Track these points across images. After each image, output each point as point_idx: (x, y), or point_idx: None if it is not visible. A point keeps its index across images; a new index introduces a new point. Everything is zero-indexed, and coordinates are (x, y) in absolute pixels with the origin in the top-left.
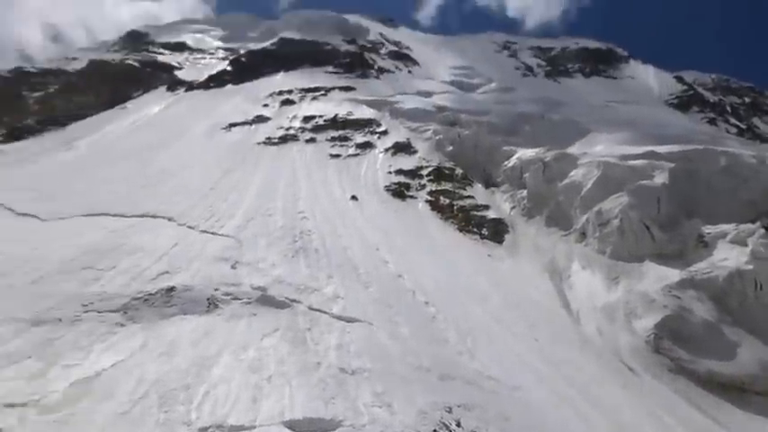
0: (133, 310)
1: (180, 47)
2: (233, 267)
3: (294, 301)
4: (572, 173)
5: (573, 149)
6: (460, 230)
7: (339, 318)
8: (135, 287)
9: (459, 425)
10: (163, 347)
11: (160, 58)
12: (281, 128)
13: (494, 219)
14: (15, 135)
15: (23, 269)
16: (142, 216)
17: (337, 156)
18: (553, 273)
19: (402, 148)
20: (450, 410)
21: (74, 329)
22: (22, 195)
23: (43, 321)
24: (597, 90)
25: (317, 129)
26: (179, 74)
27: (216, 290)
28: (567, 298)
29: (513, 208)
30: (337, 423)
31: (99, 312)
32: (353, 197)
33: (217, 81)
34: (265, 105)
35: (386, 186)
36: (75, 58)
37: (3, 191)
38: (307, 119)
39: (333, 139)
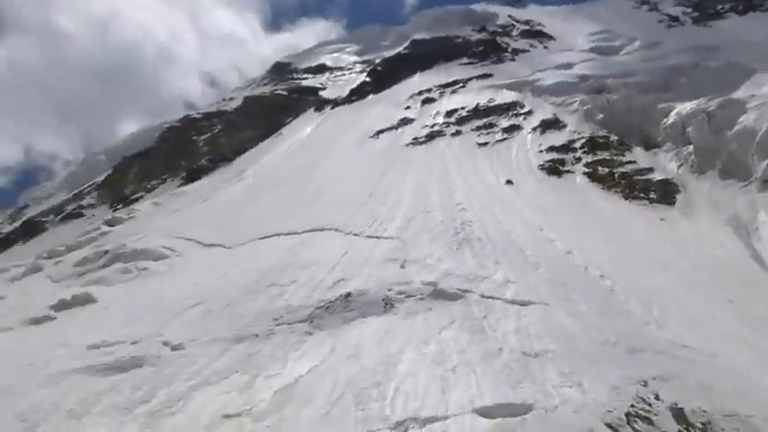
0: (318, 319)
1: (320, 69)
2: (402, 267)
3: (466, 291)
4: (741, 119)
5: (738, 94)
6: (626, 198)
7: (513, 302)
8: (316, 297)
9: (657, 398)
10: (349, 350)
11: (304, 82)
12: (426, 126)
13: (660, 180)
14: (192, 176)
15: (217, 294)
16: (310, 231)
17: (485, 144)
18: (737, 227)
19: (550, 124)
20: (645, 384)
21: (269, 342)
22: (206, 229)
23: (243, 338)
24: (756, 26)
25: (460, 121)
26: (323, 94)
27: (389, 290)
28: (757, 252)
29: (681, 166)
30: (528, 407)
31: (288, 324)
32: (508, 181)
33: (358, 94)
34: (407, 108)
35: (539, 165)
36: (231, 98)
37: (190, 227)
38: (449, 113)
39: (478, 128)
